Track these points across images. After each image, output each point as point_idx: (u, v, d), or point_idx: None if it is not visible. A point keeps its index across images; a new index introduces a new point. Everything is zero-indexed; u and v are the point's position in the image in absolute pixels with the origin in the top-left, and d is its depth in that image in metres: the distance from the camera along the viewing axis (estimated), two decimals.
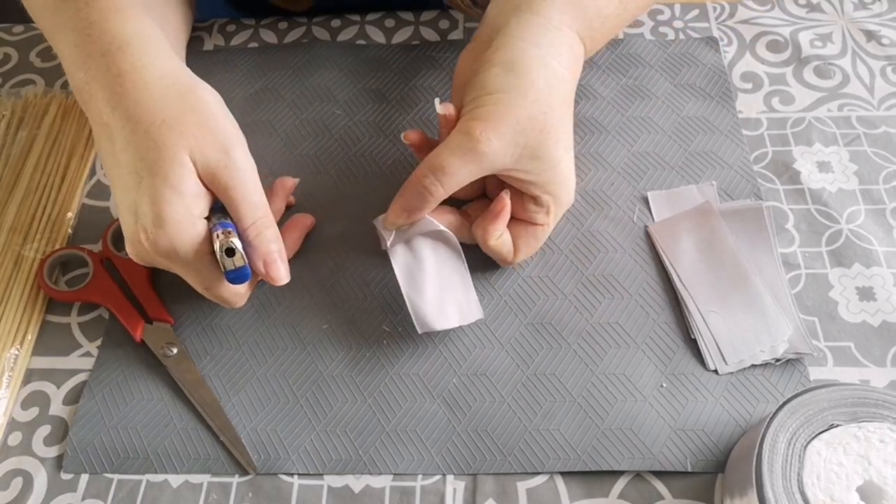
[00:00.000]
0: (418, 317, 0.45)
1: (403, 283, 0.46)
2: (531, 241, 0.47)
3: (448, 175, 0.42)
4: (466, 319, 0.45)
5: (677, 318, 0.47)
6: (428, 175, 0.43)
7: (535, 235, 0.47)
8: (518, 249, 0.47)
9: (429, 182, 0.43)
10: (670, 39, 0.61)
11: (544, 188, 0.45)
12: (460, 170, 0.42)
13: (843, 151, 0.54)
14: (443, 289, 0.46)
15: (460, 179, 0.43)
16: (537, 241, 0.48)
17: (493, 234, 0.46)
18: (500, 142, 0.42)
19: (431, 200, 0.44)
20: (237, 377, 0.47)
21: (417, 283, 0.46)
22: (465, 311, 0.46)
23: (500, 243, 0.46)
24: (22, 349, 0.48)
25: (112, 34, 0.43)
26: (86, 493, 0.43)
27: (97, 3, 0.44)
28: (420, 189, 0.43)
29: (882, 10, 0.62)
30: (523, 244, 0.47)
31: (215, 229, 0.41)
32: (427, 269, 0.46)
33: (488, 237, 0.46)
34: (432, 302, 0.45)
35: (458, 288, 0.46)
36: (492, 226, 0.46)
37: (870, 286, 0.48)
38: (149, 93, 0.42)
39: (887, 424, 0.37)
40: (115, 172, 0.43)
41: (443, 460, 0.43)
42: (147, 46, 0.44)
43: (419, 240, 0.47)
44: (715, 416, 0.43)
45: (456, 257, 0.47)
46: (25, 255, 0.51)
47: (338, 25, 0.64)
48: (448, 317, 0.45)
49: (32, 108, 0.59)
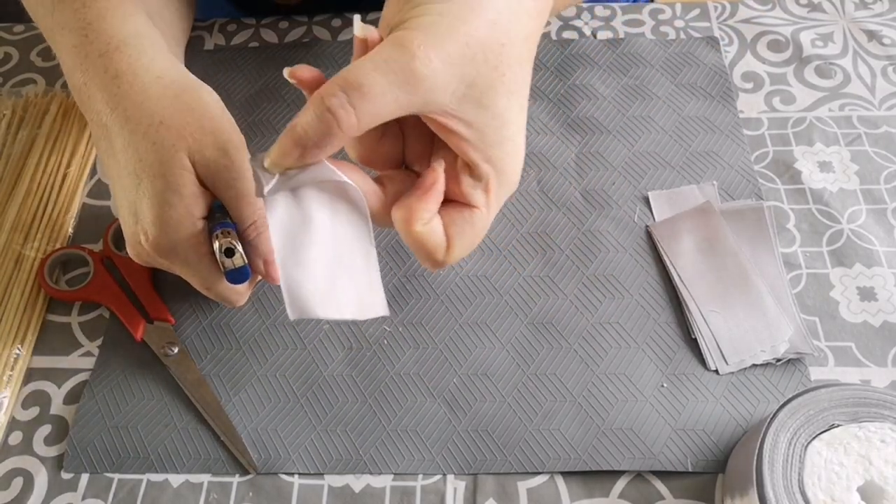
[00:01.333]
0: (293, 295, 0.33)
1: (279, 246, 0.33)
2: (466, 229, 0.35)
3: (367, 97, 0.30)
4: (365, 312, 0.35)
5: (678, 318, 0.47)
6: (337, 93, 0.30)
7: (470, 222, 0.35)
8: (451, 241, 0.35)
9: (337, 104, 0.30)
10: (671, 39, 0.61)
11: (486, 153, 0.34)
12: (384, 93, 0.30)
13: (845, 151, 0.54)
14: (337, 264, 0.34)
15: (382, 108, 0.31)
16: (474, 232, 0.35)
17: (419, 215, 0.34)
18: (442, 64, 0.31)
19: (338, 134, 0.31)
20: (237, 377, 0.47)
21: (299, 250, 0.34)
22: (364, 301, 0.35)
23: (429, 231, 0.34)
24: (22, 348, 0.48)
25: (109, 35, 0.43)
26: (86, 493, 0.43)
27: (95, 4, 0.44)
28: (323, 113, 0.30)
29: (883, 9, 0.62)
30: (457, 234, 0.35)
31: (215, 229, 0.41)
32: (317, 232, 0.34)
33: (413, 220, 0.34)
34: (317, 278, 0.34)
35: (358, 267, 0.35)
36: (419, 204, 0.34)
37: (871, 286, 0.48)
38: (147, 93, 0.42)
39: (888, 424, 0.37)
40: (115, 173, 0.43)
41: (443, 460, 0.43)
42: (144, 47, 0.44)
43: (311, 193, 0.34)
44: (715, 416, 0.43)
45: (361, 225, 0.34)
46: (26, 255, 0.51)
47: (338, 25, 0.64)
48: (338, 302, 0.34)
49: (33, 107, 0.59)
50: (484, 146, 0.34)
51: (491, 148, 0.34)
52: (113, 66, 0.42)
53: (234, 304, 0.46)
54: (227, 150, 0.42)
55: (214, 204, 0.43)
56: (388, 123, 0.33)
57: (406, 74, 0.30)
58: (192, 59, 0.61)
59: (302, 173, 0.33)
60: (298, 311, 0.34)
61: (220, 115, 0.43)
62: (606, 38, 0.61)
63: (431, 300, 0.49)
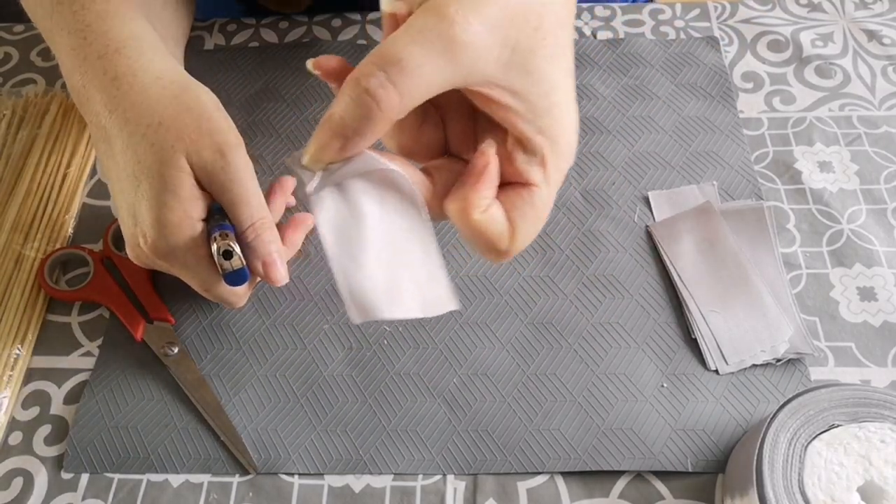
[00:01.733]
0: (355, 297, 0.31)
1: (332, 246, 0.31)
2: (528, 211, 0.32)
3: (407, 72, 0.27)
4: (431, 309, 0.32)
5: (678, 318, 0.47)
6: (375, 73, 0.27)
7: (531, 202, 0.32)
8: (514, 226, 0.32)
9: (375, 84, 0.27)
10: (671, 39, 0.61)
11: (537, 122, 0.31)
12: (425, 66, 0.27)
13: (844, 151, 0.54)
14: (395, 259, 0.32)
15: (424, 84, 0.28)
16: (536, 213, 0.32)
17: (476, 203, 0.31)
18: (483, 28, 0.28)
19: (379, 118, 0.28)
20: (237, 377, 0.47)
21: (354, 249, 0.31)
22: (428, 297, 0.32)
23: (489, 218, 0.31)
24: (22, 348, 0.48)
25: (108, 37, 0.43)
26: (86, 493, 0.43)
27: (93, 6, 0.44)
28: (361, 96, 0.27)
29: (883, 9, 0.62)
30: (519, 217, 0.32)
31: (213, 231, 0.41)
32: (370, 227, 0.31)
33: (471, 209, 0.31)
34: (377, 276, 0.31)
35: (417, 260, 0.32)
36: (474, 191, 0.31)
37: (871, 286, 0.48)
38: (145, 95, 0.42)
39: (888, 425, 0.37)
40: (114, 175, 0.43)
41: (443, 460, 0.43)
42: (143, 49, 0.44)
43: (358, 185, 0.31)
44: (715, 416, 0.43)
45: (414, 215, 0.32)
46: (26, 255, 0.51)
47: (338, 25, 0.64)
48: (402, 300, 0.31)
49: (33, 107, 0.59)
50: (534, 116, 0.31)
51: (541, 117, 0.31)
52: (112, 67, 0.42)
53: (234, 305, 0.46)
54: (224, 151, 0.41)
55: (213, 206, 0.43)
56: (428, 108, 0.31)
57: (446, 42, 0.27)
58: (192, 59, 0.61)
59: (345, 166, 0.30)
60: (362, 314, 0.31)
61: (217, 115, 0.43)
62: (606, 38, 0.61)
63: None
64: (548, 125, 0.31)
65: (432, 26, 0.28)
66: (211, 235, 0.41)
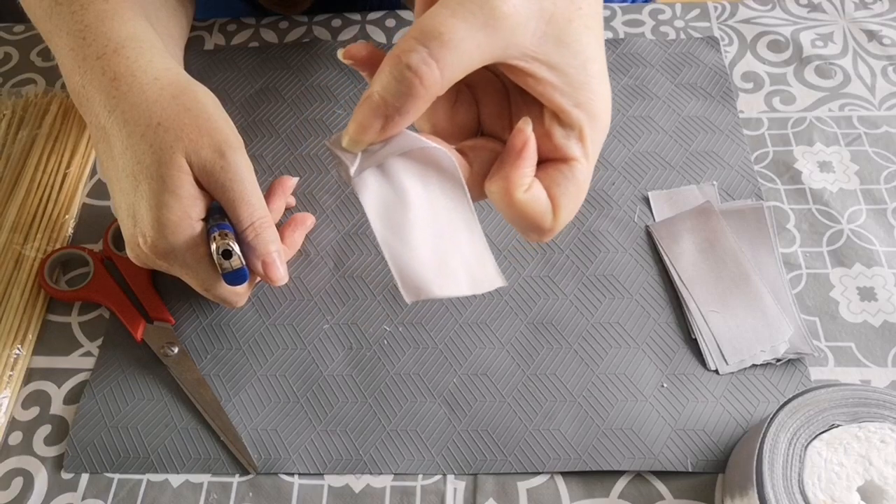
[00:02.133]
0: (405, 276, 0.31)
1: (379, 227, 0.31)
2: (570, 187, 0.31)
3: (448, 46, 0.27)
4: (479, 286, 0.32)
5: (678, 318, 0.47)
6: (416, 48, 0.27)
7: (572, 178, 0.31)
8: (556, 203, 0.31)
9: (418, 59, 0.27)
10: (671, 39, 0.61)
11: (574, 96, 0.30)
12: (466, 39, 0.27)
13: (845, 151, 0.54)
14: (441, 238, 0.31)
15: (466, 57, 0.28)
16: (578, 189, 0.32)
17: (518, 182, 0.30)
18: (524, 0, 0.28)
19: (422, 94, 0.27)
20: (237, 377, 0.47)
21: (401, 229, 0.31)
22: (476, 274, 0.32)
23: (531, 198, 0.31)
24: (23, 348, 0.48)
25: (107, 37, 0.43)
26: (86, 493, 0.43)
27: (92, 6, 0.44)
28: (403, 72, 0.27)
29: (883, 9, 0.62)
30: (561, 194, 0.31)
31: (212, 231, 0.41)
32: (415, 207, 0.31)
33: (513, 188, 0.30)
34: (425, 256, 0.31)
35: (462, 239, 0.32)
36: (514, 170, 0.30)
37: (871, 286, 0.48)
38: (144, 95, 0.42)
39: (888, 424, 0.37)
40: (113, 175, 0.43)
41: (443, 460, 0.43)
42: (143, 49, 0.44)
43: (399, 165, 0.31)
44: (715, 416, 0.43)
45: (458, 193, 0.31)
46: (26, 255, 0.51)
47: (338, 25, 0.64)
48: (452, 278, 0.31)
49: (33, 107, 0.59)
50: (571, 89, 0.30)
51: (578, 91, 0.31)
52: (111, 68, 0.42)
53: (234, 305, 0.46)
54: (223, 151, 0.41)
55: (213, 205, 0.43)
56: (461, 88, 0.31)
57: (486, 14, 0.27)
58: (192, 59, 0.61)
59: (385, 146, 0.29)
60: (414, 293, 0.31)
61: (217, 115, 0.43)
62: (606, 38, 0.61)
63: (431, 300, 0.49)
64: (585, 98, 0.31)
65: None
66: (210, 235, 0.41)
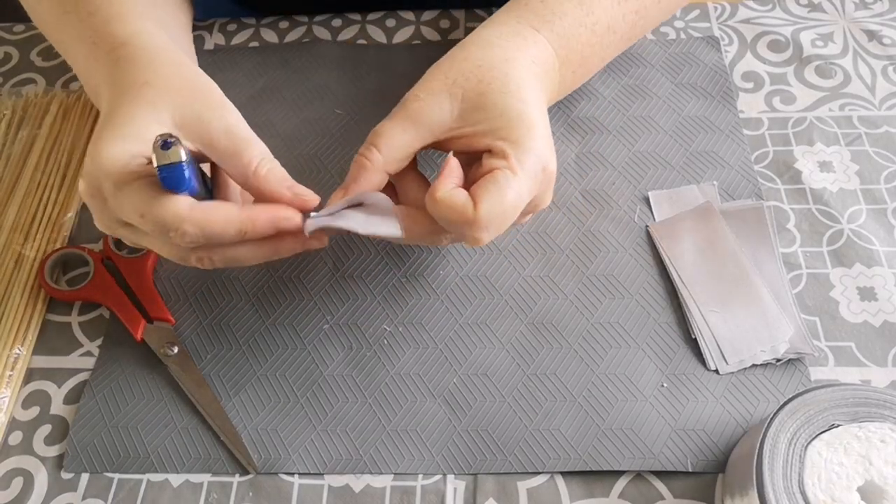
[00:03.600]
0: None
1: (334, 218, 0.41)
2: (490, 186, 0.38)
3: (383, 138, 0.41)
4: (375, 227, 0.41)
5: (678, 318, 0.47)
6: (366, 143, 0.42)
7: (493, 180, 0.38)
8: (476, 197, 0.38)
9: (365, 149, 0.41)
10: (671, 39, 0.61)
11: (496, 134, 0.40)
12: (394, 131, 0.41)
13: (845, 151, 0.54)
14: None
15: (398, 144, 0.41)
16: (499, 189, 0.38)
17: (440, 187, 0.38)
18: (429, 95, 0.41)
19: (369, 167, 0.41)
20: (237, 377, 0.47)
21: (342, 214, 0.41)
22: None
23: (451, 194, 0.38)
24: (23, 348, 0.48)
25: (115, 35, 0.43)
26: (86, 493, 0.43)
27: (99, 12, 0.45)
28: (358, 160, 0.41)
29: (883, 9, 0.62)
30: (482, 191, 0.38)
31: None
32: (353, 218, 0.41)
33: (436, 191, 0.38)
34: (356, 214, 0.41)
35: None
36: (439, 181, 0.39)
37: (871, 286, 0.48)
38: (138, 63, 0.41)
39: (888, 424, 0.37)
40: None
41: (443, 460, 0.43)
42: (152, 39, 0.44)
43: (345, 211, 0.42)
44: (715, 416, 0.43)
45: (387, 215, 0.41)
46: (26, 255, 0.51)
47: (338, 25, 0.64)
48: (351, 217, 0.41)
49: (33, 107, 0.59)
50: (493, 131, 0.40)
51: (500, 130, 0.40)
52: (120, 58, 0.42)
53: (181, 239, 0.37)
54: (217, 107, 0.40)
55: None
56: None
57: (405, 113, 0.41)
58: None
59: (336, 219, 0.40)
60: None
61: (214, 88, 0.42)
62: None
63: (431, 300, 0.49)
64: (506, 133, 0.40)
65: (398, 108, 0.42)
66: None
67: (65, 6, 0.46)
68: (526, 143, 0.40)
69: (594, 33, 0.48)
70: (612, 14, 0.49)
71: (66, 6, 0.46)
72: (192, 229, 0.37)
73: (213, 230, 0.37)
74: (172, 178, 0.35)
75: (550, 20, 0.46)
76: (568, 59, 0.47)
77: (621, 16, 0.49)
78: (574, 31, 0.47)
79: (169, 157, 0.35)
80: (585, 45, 0.48)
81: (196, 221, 0.37)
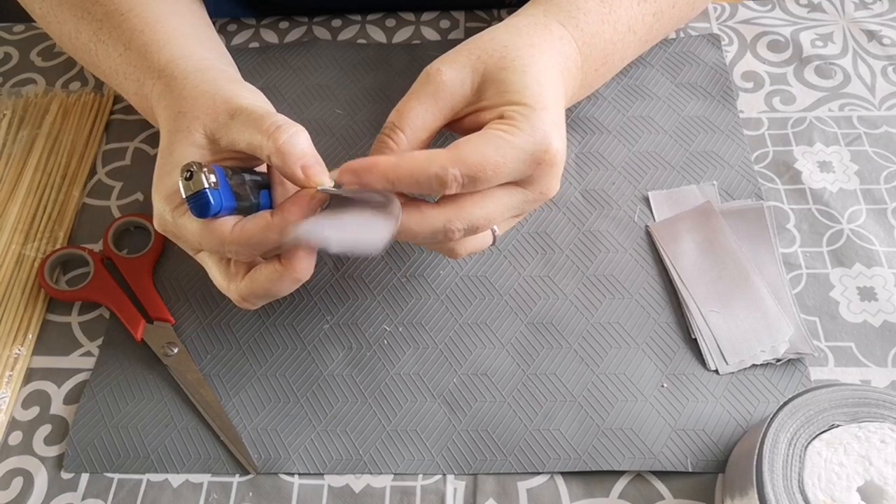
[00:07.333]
0: None
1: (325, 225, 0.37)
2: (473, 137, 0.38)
3: (407, 118, 0.40)
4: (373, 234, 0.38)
5: (678, 318, 0.47)
6: (388, 122, 0.41)
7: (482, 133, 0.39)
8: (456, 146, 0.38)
9: (389, 130, 0.40)
10: (671, 39, 0.61)
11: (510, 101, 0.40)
12: (416, 108, 0.40)
13: (845, 151, 0.54)
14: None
15: (422, 124, 0.40)
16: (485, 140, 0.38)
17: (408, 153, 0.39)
18: (452, 70, 0.41)
19: (394, 149, 0.40)
20: (237, 377, 0.47)
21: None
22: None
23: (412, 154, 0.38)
24: (23, 348, 0.48)
25: (151, 69, 0.45)
26: (86, 493, 0.43)
27: (133, 45, 0.46)
28: (382, 140, 0.40)
29: (883, 9, 0.62)
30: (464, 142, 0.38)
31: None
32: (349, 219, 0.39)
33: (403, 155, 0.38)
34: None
35: None
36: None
37: (871, 286, 0.48)
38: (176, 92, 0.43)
39: (888, 424, 0.37)
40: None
41: (443, 460, 0.43)
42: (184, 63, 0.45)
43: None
44: (715, 416, 0.43)
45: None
46: (26, 255, 0.51)
47: (338, 25, 0.64)
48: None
49: (33, 107, 0.59)
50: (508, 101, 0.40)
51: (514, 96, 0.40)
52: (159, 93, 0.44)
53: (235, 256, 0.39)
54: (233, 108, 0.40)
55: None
56: None
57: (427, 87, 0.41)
58: None
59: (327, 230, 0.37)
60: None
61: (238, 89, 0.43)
62: None
63: (431, 300, 0.49)
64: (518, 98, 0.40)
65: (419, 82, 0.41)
66: None
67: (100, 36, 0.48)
68: (532, 116, 0.39)
69: (616, 31, 0.48)
70: (632, 14, 0.49)
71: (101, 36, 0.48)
72: (236, 248, 0.38)
73: (255, 241, 0.37)
74: (198, 207, 0.36)
75: (575, 16, 0.46)
76: (591, 56, 0.47)
77: (640, 17, 0.50)
78: (597, 29, 0.47)
79: (191, 188, 0.35)
80: (608, 42, 0.48)
81: (236, 240, 0.37)
